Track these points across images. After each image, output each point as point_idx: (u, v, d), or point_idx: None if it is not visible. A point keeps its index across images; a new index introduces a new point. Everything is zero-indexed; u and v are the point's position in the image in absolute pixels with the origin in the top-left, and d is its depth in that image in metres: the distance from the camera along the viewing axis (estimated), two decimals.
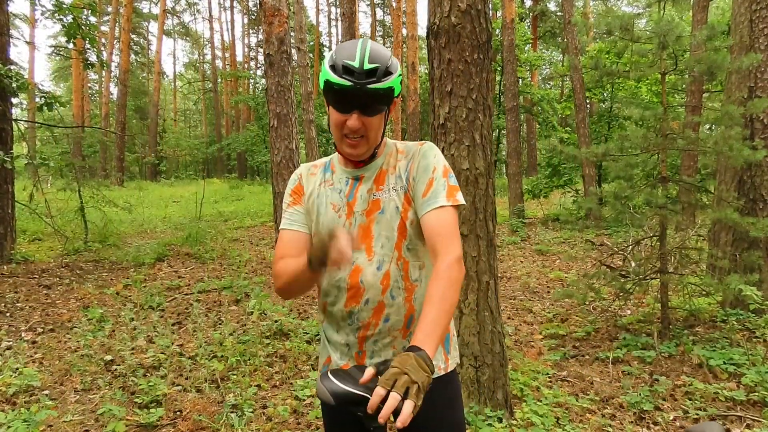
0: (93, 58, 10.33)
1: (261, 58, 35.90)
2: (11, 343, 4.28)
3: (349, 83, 1.27)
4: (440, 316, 1.18)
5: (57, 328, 4.69)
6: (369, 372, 1.16)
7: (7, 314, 5.01)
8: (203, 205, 12.82)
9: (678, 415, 3.13)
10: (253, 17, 37.19)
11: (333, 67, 1.29)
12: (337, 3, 34.00)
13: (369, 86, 1.27)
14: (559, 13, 26.88)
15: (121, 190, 18.61)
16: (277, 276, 1.41)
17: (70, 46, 9.92)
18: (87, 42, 8.48)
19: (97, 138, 24.39)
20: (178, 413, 3.16)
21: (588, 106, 15.02)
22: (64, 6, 7.47)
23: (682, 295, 4.98)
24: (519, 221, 11.49)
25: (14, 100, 7.62)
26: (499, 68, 16.15)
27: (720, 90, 10.15)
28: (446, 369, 1.44)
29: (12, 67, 7.20)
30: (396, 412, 1.06)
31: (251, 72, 36.30)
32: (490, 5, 3.04)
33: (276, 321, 4.67)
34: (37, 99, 7.58)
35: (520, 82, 17.08)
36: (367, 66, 1.27)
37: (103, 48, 28.35)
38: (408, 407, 1.01)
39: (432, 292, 1.21)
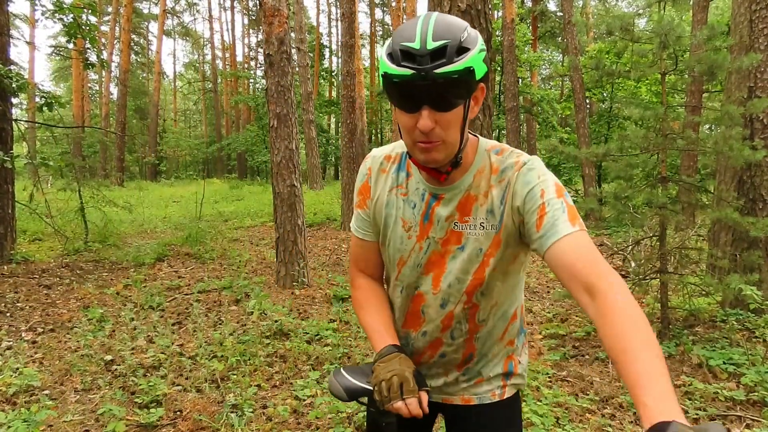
0: (93, 58, 10.33)
1: (261, 58, 35.89)
2: (11, 343, 4.28)
3: (409, 72, 0.96)
4: (663, 365, 0.84)
5: (57, 328, 4.69)
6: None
7: (7, 314, 5.02)
8: (203, 205, 12.82)
9: None
10: (253, 17, 37.20)
11: (391, 56, 0.99)
12: (337, 3, 34.00)
13: (437, 71, 0.95)
14: (559, 14, 26.85)
15: (121, 190, 18.62)
16: (355, 303, 1.35)
17: (70, 46, 9.95)
18: (87, 42, 8.47)
19: (97, 138, 24.44)
20: (178, 413, 3.16)
21: (588, 106, 15.01)
22: (64, 6, 7.47)
23: (681, 295, 4.98)
24: None
25: (14, 100, 7.62)
26: (499, 68, 16.15)
27: (720, 90, 10.16)
28: (501, 396, 1.29)
29: (12, 67, 7.20)
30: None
31: (251, 72, 36.34)
32: (490, 5, 3.04)
33: (276, 321, 4.67)
34: (37, 99, 7.57)
35: (520, 82, 17.09)
36: (431, 45, 0.95)
37: (103, 48, 28.35)
38: None
39: (638, 340, 0.87)
